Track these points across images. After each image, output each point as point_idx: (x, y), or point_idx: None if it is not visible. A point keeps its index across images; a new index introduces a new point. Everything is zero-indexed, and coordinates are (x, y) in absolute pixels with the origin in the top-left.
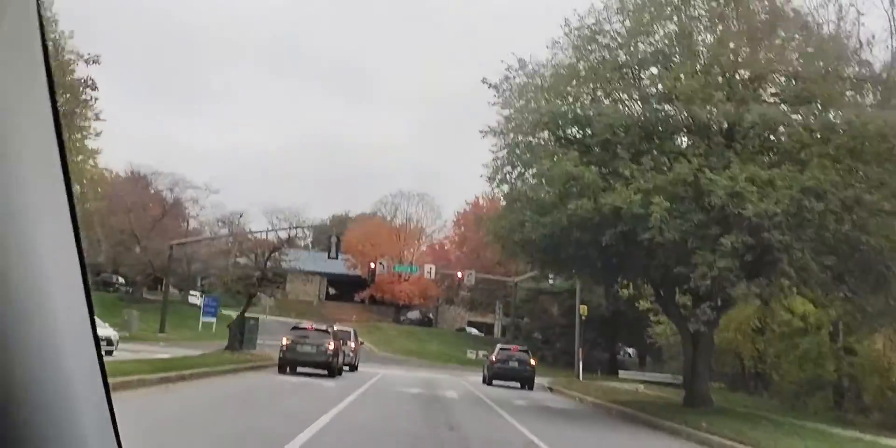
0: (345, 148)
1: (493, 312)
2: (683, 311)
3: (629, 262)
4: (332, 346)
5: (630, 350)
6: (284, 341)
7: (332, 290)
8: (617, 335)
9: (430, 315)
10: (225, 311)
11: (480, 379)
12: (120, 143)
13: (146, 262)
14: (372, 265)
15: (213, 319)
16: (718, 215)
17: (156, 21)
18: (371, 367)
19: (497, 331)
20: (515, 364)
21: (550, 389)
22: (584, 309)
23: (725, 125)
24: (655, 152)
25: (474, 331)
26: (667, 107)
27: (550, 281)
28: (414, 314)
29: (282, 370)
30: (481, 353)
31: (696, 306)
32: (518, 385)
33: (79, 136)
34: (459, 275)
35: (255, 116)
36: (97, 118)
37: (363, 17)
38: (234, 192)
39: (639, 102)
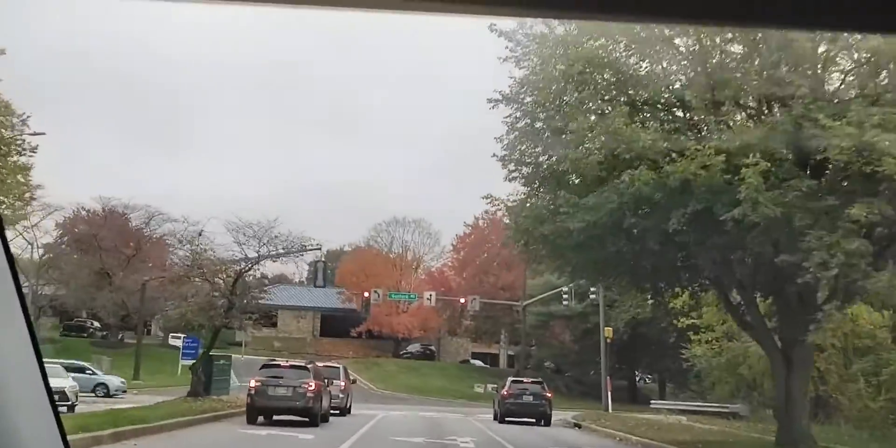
0: (338, 187)
1: (498, 342)
2: (771, 322)
3: (701, 255)
4: (312, 387)
5: (648, 376)
6: (253, 383)
7: (326, 326)
8: (637, 360)
9: (432, 348)
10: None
11: (491, 416)
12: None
13: (120, 302)
14: (366, 294)
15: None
16: (837, 179)
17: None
18: (367, 408)
19: (502, 361)
20: (530, 398)
21: (578, 426)
22: (608, 331)
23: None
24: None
25: (479, 363)
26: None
27: (565, 302)
28: (414, 347)
29: (251, 420)
30: (490, 386)
31: (798, 311)
32: (532, 421)
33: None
34: (462, 301)
35: (243, 160)
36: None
37: (354, 56)
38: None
39: (706, 39)
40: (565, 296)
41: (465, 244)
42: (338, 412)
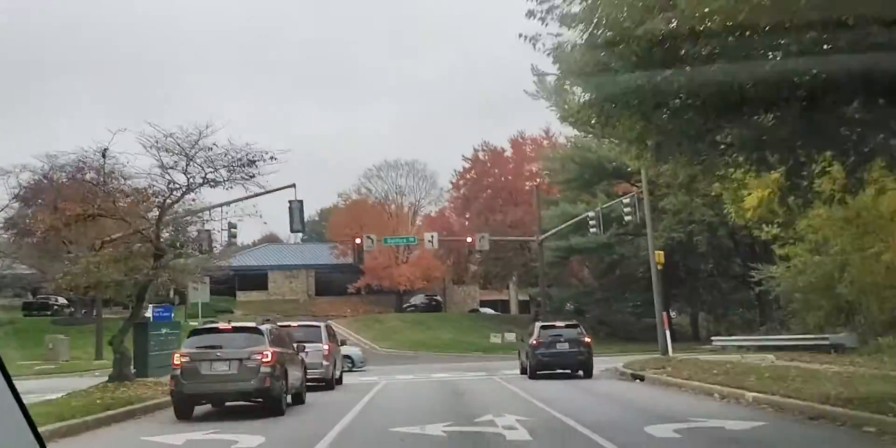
0: (327, 143)
1: (508, 288)
2: None
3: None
4: (268, 359)
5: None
6: (176, 360)
7: (321, 285)
8: (675, 292)
9: (438, 298)
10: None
11: (517, 370)
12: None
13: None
14: (358, 241)
15: None
16: None
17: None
18: (367, 374)
19: (513, 307)
20: (566, 346)
21: (639, 378)
22: (659, 256)
23: None
24: None
25: (489, 310)
26: None
27: (593, 230)
28: (418, 299)
29: (182, 413)
30: (508, 334)
31: None
32: (568, 373)
33: None
34: (469, 240)
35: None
36: None
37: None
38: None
39: None
40: (592, 222)
41: (465, 180)
42: (323, 385)
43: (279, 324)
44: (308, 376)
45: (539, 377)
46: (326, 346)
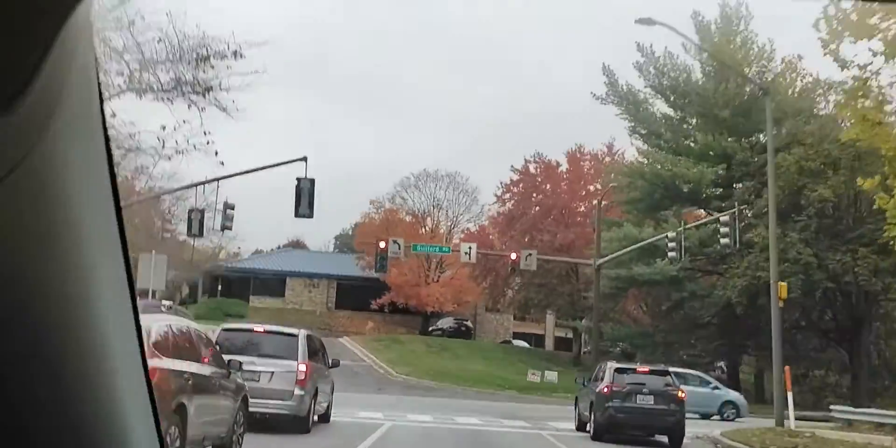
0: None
1: (545, 321)
2: None
3: None
4: None
5: (721, 364)
6: None
7: (342, 297)
8: (744, 342)
9: (468, 323)
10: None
11: (571, 423)
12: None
13: None
14: (382, 245)
15: None
16: None
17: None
18: (370, 407)
19: (548, 343)
20: (650, 400)
21: None
22: (782, 289)
23: None
24: None
25: (523, 344)
26: None
27: (671, 254)
28: (446, 322)
29: None
30: (549, 373)
31: None
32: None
33: None
34: (514, 257)
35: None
36: None
37: (388, 35)
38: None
39: None
40: (672, 245)
41: (512, 194)
42: (294, 423)
43: (226, 328)
44: (264, 410)
45: (607, 440)
46: (303, 367)
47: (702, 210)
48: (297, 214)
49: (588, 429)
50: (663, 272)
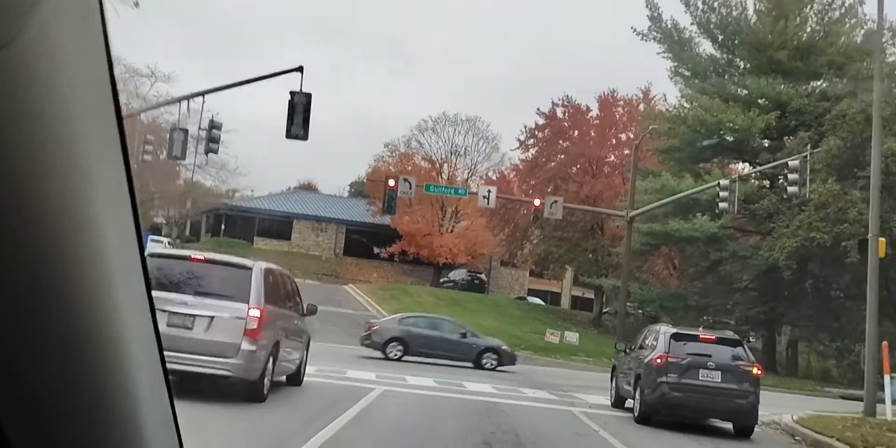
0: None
1: (563, 278)
2: None
3: None
4: None
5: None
6: None
7: (351, 244)
8: (780, 306)
9: (482, 276)
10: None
11: (604, 397)
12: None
13: None
14: (391, 183)
15: None
16: None
17: None
18: (362, 368)
19: (565, 301)
20: (716, 377)
21: None
22: (882, 245)
23: None
24: None
25: (538, 301)
26: None
27: (722, 204)
28: (459, 274)
29: None
30: (570, 335)
31: None
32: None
33: None
34: (538, 203)
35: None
36: None
37: None
38: (264, 161)
39: None
40: (724, 194)
41: (536, 140)
42: (241, 390)
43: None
44: (198, 368)
45: (655, 424)
46: (255, 312)
47: (747, 163)
48: (288, 134)
49: (630, 407)
50: (703, 229)
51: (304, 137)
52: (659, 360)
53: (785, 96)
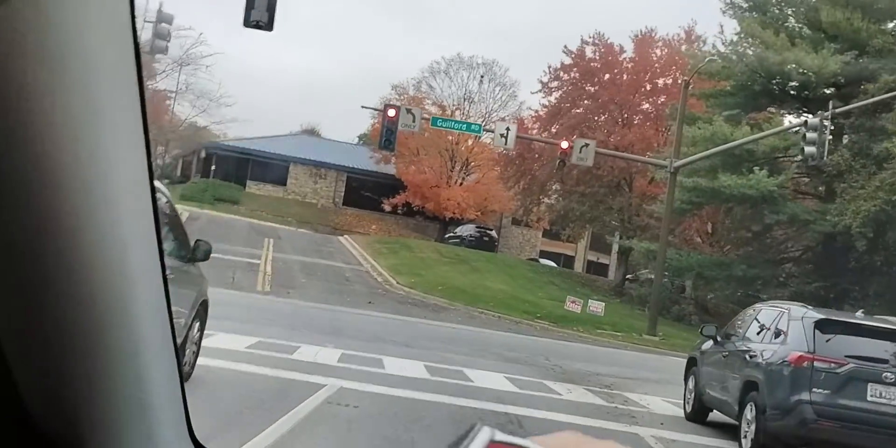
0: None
1: (582, 239)
2: None
3: None
4: None
5: None
6: None
7: (351, 193)
8: (845, 281)
9: (492, 232)
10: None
11: (672, 402)
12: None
13: None
14: (391, 113)
15: None
16: None
17: None
18: (329, 341)
19: (579, 265)
20: None
21: None
22: None
23: None
24: None
25: (550, 263)
26: None
27: (809, 149)
28: (466, 230)
29: None
30: (595, 304)
31: None
32: None
33: None
34: (565, 145)
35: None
36: None
37: None
38: (276, 111)
39: None
40: (811, 135)
41: (561, 82)
42: None
43: None
44: None
45: None
46: None
47: (809, 115)
48: (247, 22)
49: (718, 422)
50: (760, 185)
51: (269, 26)
52: (797, 364)
53: (865, 34)
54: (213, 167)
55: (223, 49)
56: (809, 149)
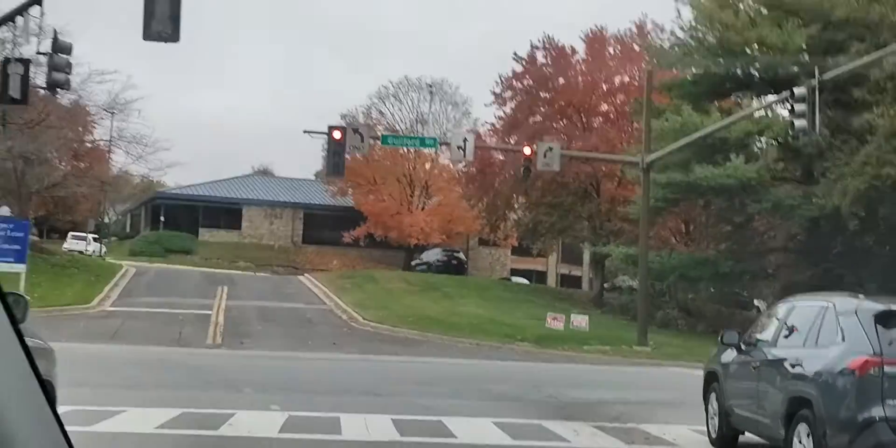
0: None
1: (553, 252)
2: None
3: None
4: None
5: (760, 303)
6: None
7: (310, 230)
8: (839, 267)
9: (460, 255)
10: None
11: (689, 427)
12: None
13: None
14: (337, 134)
15: (22, 267)
16: None
17: None
18: (275, 399)
19: (552, 280)
20: None
21: None
22: None
23: None
24: None
25: (523, 281)
26: None
27: (799, 124)
28: (433, 255)
29: None
30: (577, 318)
31: None
32: None
33: None
34: (528, 151)
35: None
36: None
37: None
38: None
39: None
40: (800, 107)
41: (514, 92)
42: None
43: None
44: None
45: None
46: None
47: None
48: (147, 34)
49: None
50: (739, 173)
51: (173, 37)
52: (862, 371)
53: (827, 4)
54: (161, 218)
55: (168, 94)
56: (800, 122)
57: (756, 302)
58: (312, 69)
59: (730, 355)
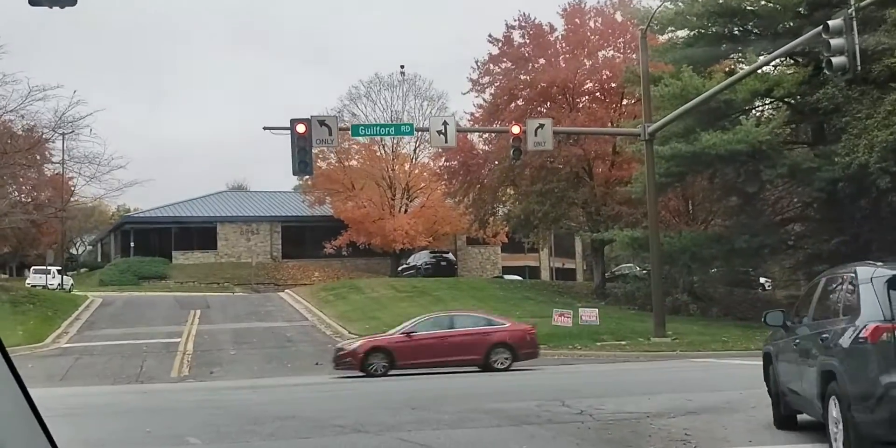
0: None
1: (547, 245)
2: None
3: None
4: None
5: (765, 280)
6: None
7: (289, 244)
8: (865, 232)
9: (449, 256)
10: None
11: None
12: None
13: None
14: (301, 129)
15: None
16: None
17: None
18: (266, 437)
19: (545, 274)
20: None
21: None
22: None
23: None
24: None
25: (516, 278)
26: None
27: (839, 59)
28: (420, 258)
29: None
30: (586, 312)
31: None
32: None
33: None
34: (517, 130)
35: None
36: None
37: None
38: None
39: None
40: (836, 43)
41: (492, 77)
42: None
43: None
44: None
45: None
46: None
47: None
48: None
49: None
50: (750, 137)
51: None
52: (874, 338)
53: None
54: (132, 244)
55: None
56: (838, 59)
57: (762, 280)
58: (283, 81)
59: (779, 335)
